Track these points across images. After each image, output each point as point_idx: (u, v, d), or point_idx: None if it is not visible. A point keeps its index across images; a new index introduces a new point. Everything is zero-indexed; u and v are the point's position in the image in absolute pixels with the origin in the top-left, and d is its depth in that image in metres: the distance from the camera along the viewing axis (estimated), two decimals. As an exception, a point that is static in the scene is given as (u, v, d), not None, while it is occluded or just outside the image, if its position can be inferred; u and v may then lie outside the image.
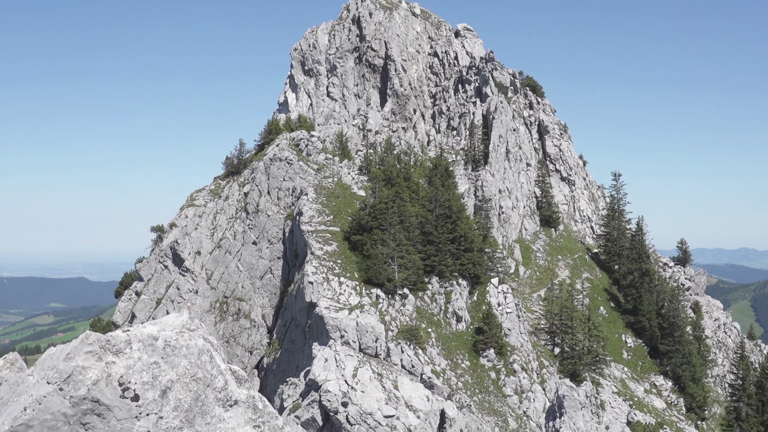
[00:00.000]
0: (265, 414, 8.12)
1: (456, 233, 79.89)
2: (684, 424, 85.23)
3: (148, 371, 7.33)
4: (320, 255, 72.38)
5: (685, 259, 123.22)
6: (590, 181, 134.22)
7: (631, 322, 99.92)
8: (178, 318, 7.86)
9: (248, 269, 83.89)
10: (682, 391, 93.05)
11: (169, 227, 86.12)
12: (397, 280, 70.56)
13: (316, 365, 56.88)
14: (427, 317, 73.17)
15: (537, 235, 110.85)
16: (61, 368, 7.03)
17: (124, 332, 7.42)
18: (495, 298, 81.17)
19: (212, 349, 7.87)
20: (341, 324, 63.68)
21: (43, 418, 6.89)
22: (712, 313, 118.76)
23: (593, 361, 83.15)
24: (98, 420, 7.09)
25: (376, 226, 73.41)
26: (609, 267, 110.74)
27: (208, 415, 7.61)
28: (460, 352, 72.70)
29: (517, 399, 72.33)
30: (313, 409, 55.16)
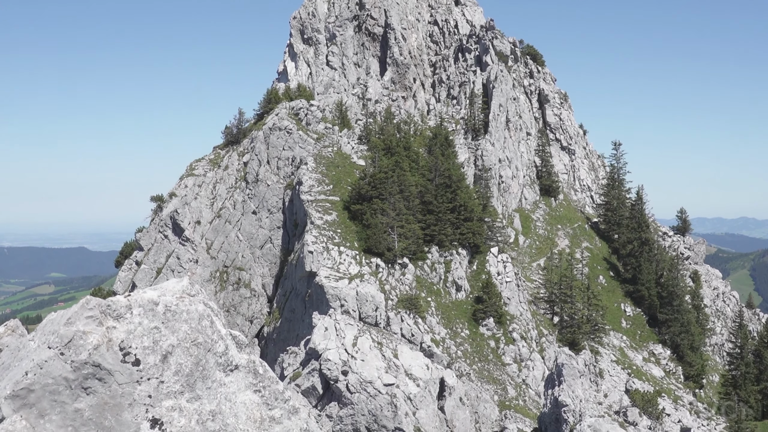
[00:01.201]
0: (265, 379, 8.15)
1: (456, 202, 79.86)
2: (682, 392, 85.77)
3: (148, 336, 7.34)
4: (320, 224, 72.39)
5: (684, 228, 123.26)
6: (590, 150, 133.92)
7: (630, 291, 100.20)
8: (178, 283, 7.86)
9: (248, 239, 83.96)
10: (681, 359, 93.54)
11: (169, 197, 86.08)
12: (396, 249, 70.63)
13: (316, 334, 57.08)
14: (427, 286, 73.35)
15: (537, 204, 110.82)
16: (61, 333, 7.05)
17: (125, 297, 7.43)
18: (494, 267, 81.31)
19: (212, 314, 7.88)
20: (341, 293, 63.83)
21: (44, 383, 6.91)
22: (711, 282, 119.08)
23: (592, 329, 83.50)
24: (99, 384, 7.12)
25: (376, 195, 73.34)
26: (608, 236, 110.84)
27: (208, 380, 7.64)
28: (460, 321, 72.97)
29: (516, 367, 72.72)
30: (313, 378, 55.43)
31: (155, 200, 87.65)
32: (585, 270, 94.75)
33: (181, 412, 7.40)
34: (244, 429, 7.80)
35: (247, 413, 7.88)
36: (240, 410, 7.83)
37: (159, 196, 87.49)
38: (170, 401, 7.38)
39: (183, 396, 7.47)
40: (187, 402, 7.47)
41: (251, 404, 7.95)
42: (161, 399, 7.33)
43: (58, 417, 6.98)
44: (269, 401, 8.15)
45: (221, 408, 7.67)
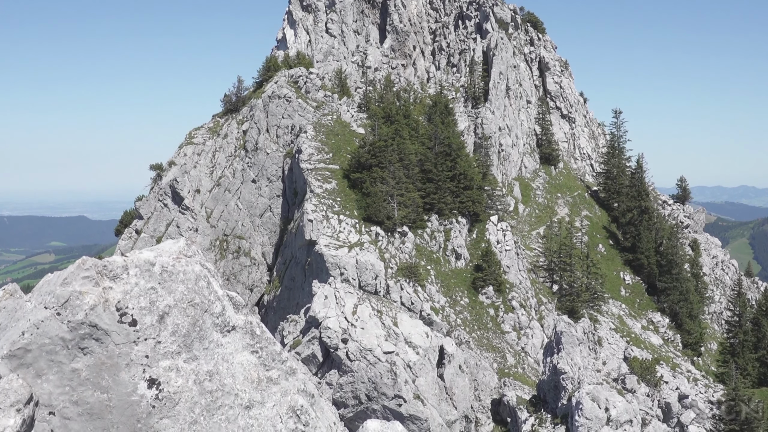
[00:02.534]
0: (263, 340, 8.15)
1: (455, 171, 79.71)
2: (680, 360, 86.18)
3: (145, 296, 7.33)
4: (319, 193, 72.32)
5: (684, 196, 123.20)
6: (590, 118, 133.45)
7: (630, 259, 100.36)
8: (175, 244, 7.83)
9: (248, 207, 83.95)
10: (679, 327, 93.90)
11: (168, 165, 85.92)
12: (396, 218, 70.61)
13: (316, 302, 57.22)
14: (427, 255, 73.42)
15: (536, 172, 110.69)
16: (58, 293, 7.03)
17: (121, 258, 7.41)
18: (494, 235, 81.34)
19: (209, 275, 7.86)
20: (341, 261, 63.92)
21: (41, 343, 6.91)
22: (711, 250, 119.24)
23: (591, 298, 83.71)
24: (96, 344, 7.11)
25: (376, 163, 73.18)
26: (608, 205, 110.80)
27: (205, 340, 7.64)
28: (459, 290, 73.14)
29: (516, 335, 73.00)
30: (313, 346, 55.65)
31: (154, 169, 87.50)
32: (584, 238, 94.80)
33: (179, 372, 7.41)
34: (242, 389, 7.82)
35: (245, 374, 7.89)
36: (237, 371, 7.84)
37: (158, 165, 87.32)
38: (167, 361, 7.38)
39: (180, 356, 7.47)
40: (184, 362, 7.48)
41: (248, 365, 7.96)
42: (158, 359, 7.33)
43: (55, 377, 6.99)
44: (266, 362, 8.16)
45: (218, 368, 7.68)
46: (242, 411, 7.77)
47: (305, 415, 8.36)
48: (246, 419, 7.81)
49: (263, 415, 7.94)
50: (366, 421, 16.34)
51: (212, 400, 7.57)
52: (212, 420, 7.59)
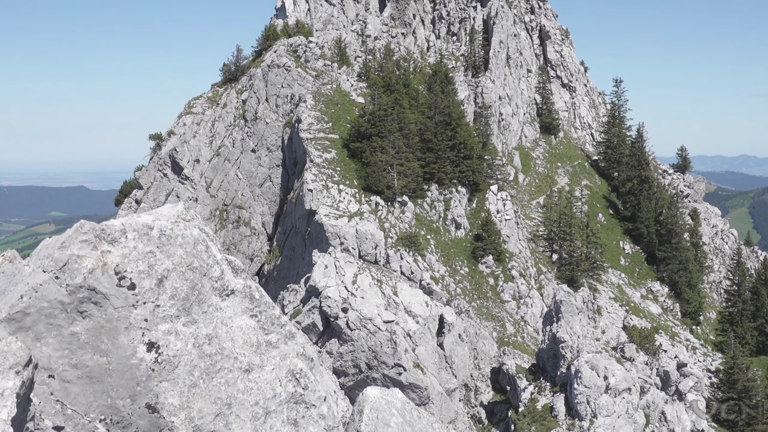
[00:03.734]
0: (262, 304, 8.16)
1: (455, 140, 79.49)
2: (679, 328, 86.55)
3: (143, 260, 7.32)
4: (319, 162, 72.20)
5: (684, 166, 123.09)
6: (591, 87, 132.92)
7: (629, 228, 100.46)
8: (173, 208, 7.82)
9: (247, 177, 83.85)
10: (678, 296, 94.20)
11: (168, 135, 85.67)
12: (396, 187, 70.55)
13: (316, 272, 57.32)
14: (427, 224, 73.45)
15: (537, 142, 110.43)
16: (56, 257, 7.02)
17: (119, 222, 7.41)
18: (494, 205, 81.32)
19: (208, 239, 7.85)
20: (341, 231, 63.95)
21: (40, 306, 6.91)
22: (710, 220, 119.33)
23: (591, 267, 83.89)
24: (95, 308, 7.12)
25: (375, 133, 72.98)
26: (608, 174, 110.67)
27: (204, 304, 7.65)
28: (459, 259, 73.26)
29: (515, 304, 73.23)
30: (313, 315, 55.83)
31: (154, 138, 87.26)
32: (584, 208, 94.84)
33: (178, 336, 7.43)
34: (241, 353, 7.84)
35: (244, 337, 7.91)
36: (236, 334, 7.85)
37: (158, 135, 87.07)
38: (166, 325, 7.39)
39: (179, 320, 7.48)
40: (183, 326, 7.49)
41: (248, 329, 7.97)
42: (157, 323, 7.34)
43: (54, 340, 7.01)
44: (266, 326, 8.18)
45: (217, 332, 7.69)
46: (241, 374, 7.80)
47: (304, 379, 8.39)
48: (245, 382, 7.85)
49: (262, 378, 7.97)
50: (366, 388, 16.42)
51: (211, 363, 7.60)
52: (211, 383, 7.62)
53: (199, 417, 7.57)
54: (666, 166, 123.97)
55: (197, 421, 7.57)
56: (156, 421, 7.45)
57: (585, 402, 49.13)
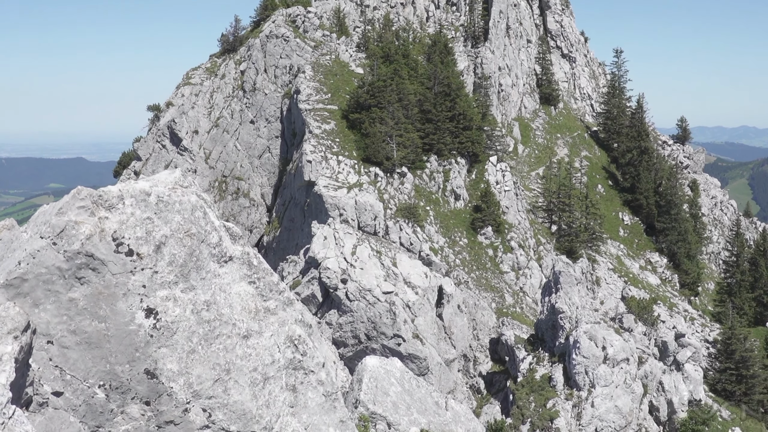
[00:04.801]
0: (260, 270, 8.16)
1: (455, 111, 79.24)
2: (677, 299, 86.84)
3: (141, 226, 7.31)
4: (318, 134, 72.03)
5: (684, 137, 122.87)
6: (591, 58, 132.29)
7: (629, 200, 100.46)
8: (170, 175, 7.80)
9: (246, 148, 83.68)
10: (677, 267, 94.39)
11: (166, 106, 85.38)
12: (395, 158, 70.43)
13: (316, 243, 57.39)
14: (426, 195, 73.42)
15: (536, 113, 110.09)
16: (53, 223, 7.01)
17: (116, 188, 7.40)
18: (493, 176, 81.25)
19: (206, 205, 7.84)
20: (340, 202, 63.94)
21: (38, 272, 6.92)
22: (710, 191, 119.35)
23: (590, 238, 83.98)
24: (93, 274, 7.12)
25: (375, 104, 72.74)
26: (608, 145, 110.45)
27: (203, 270, 7.65)
28: (458, 230, 73.31)
29: (514, 275, 73.39)
30: (313, 286, 55.98)
31: (152, 110, 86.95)
32: (584, 179, 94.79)
33: (176, 302, 7.44)
34: (239, 319, 7.86)
35: (242, 304, 7.92)
36: (235, 301, 7.86)
37: (156, 106, 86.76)
38: (164, 291, 7.40)
39: (177, 286, 7.49)
40: (181, 292, 7.50)
41: (246, 295, 7.98)
42: (155, 289, 7.35)
43: (52, 306, 7.02)
44: (264, 292, 8.19)
45: (216, 298, 7.70)
46: (240, 340, 7.82)
47: (303, 345, 8.42)
48: (244, 348, 7.87)
49: (261, 344, 8.00)
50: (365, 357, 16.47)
51: (210, 329, 7.62)
52: (210, 349, 7.65)
53: (198, 383, 7.61)
54: (666, 137, 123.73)
55: (196, 386, 7.60)
56: (155, 386, 7.48)
57: (583, 372, 49.38)
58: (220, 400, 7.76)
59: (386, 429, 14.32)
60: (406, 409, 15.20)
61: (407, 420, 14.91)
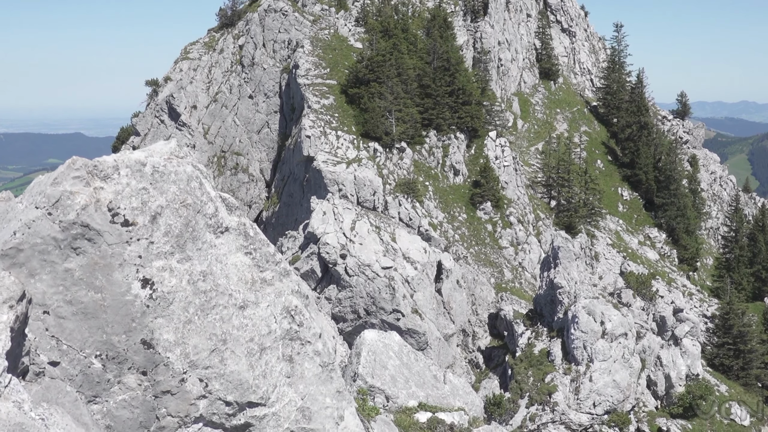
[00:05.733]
0: (256, 241, 8.16)
1: (454, 86, 78.99)
2: (676, 274, 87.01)
3: (137, 197, 7.30)
4: (317, 109, 71.84)
5: (684, 112, 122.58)
6: (591, 32, 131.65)
7: (628, 175, 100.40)
8: (166, 145, 7.78)
9: (245, 123, 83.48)
10: (676, 243, 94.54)
11: (164, 81, 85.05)
12: (394, 133, 70.31)
13: (315, 218, 57.44)
14: (425, 171, 73.36)
15: (536, 88, 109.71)
16: (48, 193, 7.01)
17: (111, 158, 7.38)
18: (492, 151, 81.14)
19: (201, 176, 7.83)
20: (339, 178, 63.90)
21: (33, 242, 6.91)
22: (709, 166, 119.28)
23: (589, 213, 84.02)
24: (89, 245, 7.12)
25: (374, 78, 72.49)
26: (607, 120, 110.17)
27: (199, 241, 7.65)
28: (457, 205, 73.33)
29: (513, 251, 73.50)
30: (312, 261, 56.09)
31: (150, 84, 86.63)
32: (583, 154, 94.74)
33: (172, 273, 7.44)
34: (236, 290, 7.87)
35: (239, 274, 7.92)
36: (231, 271, 7.87)
37: (154, 81, 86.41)
38: (160, 262, 7.40)
39: (173, 257, 7.49)
40: (177, 263, 7.50)
41: (242, 266, 7.99)
42: (151, 259, 7.35)
43: (48, 276, 7.02)
44: (260, 263, 8.19)
45: (212, 269, 7.71)
46: (236, 311, 7.84)
47: (299, 316, 8.44)
48: (240, 319, 7.89)
49: (257, 315, 8.02)
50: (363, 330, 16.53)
51: (206, 300, 7.63)
52: (206, 319, 7.66)
53: (195, 353, 7.63)
54: (665, 112, 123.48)
55: (192, 356, 7.63)
56: (151, 356, 7.50)
57: (581, 347, 49.59)
58: (217, 371, 7.79)
59: (384, 402, 14.40)
60: (405, 382, 15.28)
61: (405, 393, 14.99)
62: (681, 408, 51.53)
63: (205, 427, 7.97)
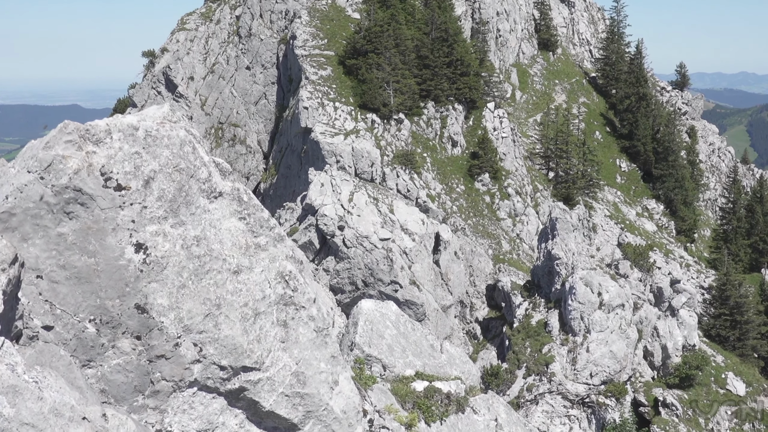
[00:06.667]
0: (250, 206, 8.14)
1: (452, 57, 78.59)
2: (673, 246, 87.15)
3: (129, 161, 7.27)
4: (315, 80, 71.55)
5: (683, 83, 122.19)
6: (590, 2, 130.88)
7: (626, 146, 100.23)
8: (159, 110, 7.73)
9: (242, 95, 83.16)
10: (674, 214, 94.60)
11: (161, 52, 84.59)
12: (392, 104, 70.07)
13: (313, 190, 57.39)
14: (423, 142, 73.21)
15: (534, 59, 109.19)
16: (40, 157, 6.97)
17: (104, 122, 7.34)
18: (491, 122, 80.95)
19: (195, 140, 7.79)
20: (337, 149, 63.80)
21: (25, 207, 6.89)
22: (707, 137, 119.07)
23: (587, 185, 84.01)
24: (82, 209, 7.10)
25: (371, 49, 72.12)
26: (606, 91, 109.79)
27: (192, 206, 7.63)
28: (455, 177, 73.27)
29: (511, 222, 73.55)
30: (310, 233, 56.12)
31: (147, 56, 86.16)
32: (581, 125, 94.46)
33: (165, 237, 7.43)
34: (230, 254, 7.86)
35: (233, 240, 7.91)
36: (225, 237, 7.86)
37: (151, 52, 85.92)
38: (154, 226, 7.39)
39: (167, 221, 7.47)
40: (171, 227, 7.49)
41: (236, 231, 7.98)
42: (145, 224, 7.33)
43: (41, 241, 7.01)
44: (254, 228, 8.18)
45: (206, 234, 7.70)
46: (230, 276, 7.84)
47: (294, 281, 8.44)
48: (234, 284, 7.89)
49: (252, 280, 8.02)
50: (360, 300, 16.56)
51: (200, 264, 7.63)
52: (200, 284, 7.66)
53: (189, 317, 7.63)
54: (664, 83, 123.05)
55: (186, 321, 7.63)
56: (145, 321, 7.51)
57: (579, 318, 49.75)
58: (211, 335, 7.80)
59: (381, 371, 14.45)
60: (402, 351, 15.33)
61: (402, 362, 15.04)
62: (677, 378, 51.77)
63: (200, 391, 8.00)
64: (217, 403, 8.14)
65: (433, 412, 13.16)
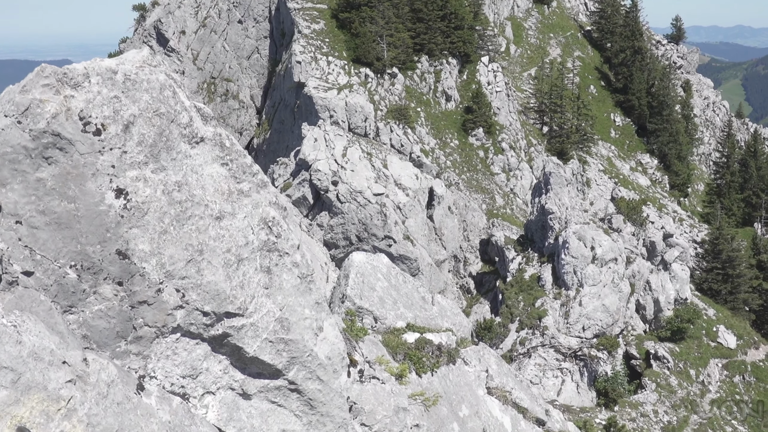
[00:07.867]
0: (233, 152, 8.06)
1: (446, 10, 77.87)
2: (667, 200, 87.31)
3: (108, 105, 7.16)
4: (307, 34, 70.93)
5: (678, 36, 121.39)
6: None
7: (621, 101, 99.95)
8: (138, 53, 7.60)
9: (235, 49, 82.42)
10: (667, 168, 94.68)
11: (152, 5, 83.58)
12: (386, 59, 69.59)
13: (306, 145, 57.22)
14: (417, 96, 72.85)
15: (529, 12, 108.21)
16: (17, 101, 6.86)
17: (82, 66, 7.23)
18: (485, 76, 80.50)
19: (175, 84, 7.68)
20: (330, 104, 63.45)
21: (3, 152, 6.79)
22: (702, 91, 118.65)
23: (581, 139, 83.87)
24: (61, 154, 7.01)
25: (365, 2, 71.44)
26: (601, 45, 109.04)
27: (173, 151, 7.54)
28: (449, 131, 73.04)
29: (505, 177, 73.52)
30: (303, 188, 56.07)
31: (138, 9, 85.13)
32: (576, 79, 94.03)
33: (146, 183, 7.35)
34: (212, 200, 7.80)
35: (215, 185, 7.84)
36: (207, 182, 7.79)
37: (141, 5, 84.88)
38: (134, 171, 7.31)
39: (147, 167, 7.39)
40: (151, 173, 7.41)
41: (218, 177, 7.90)
42: (125, 169, 7.25)
43: (20, 186, 6.93)
44: (237, 174, 8.11)
45: (187, 179, 7.62)
46: (213, 222, 7.78)
47: (277, 227, 8.40)
48: (217, 230, 7.84)
49: (234, 226, 7.97)
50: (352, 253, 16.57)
51: (182, 210, 7.56)
52: (182, 230, 7.61)
53: (171, 263, 7.59)
54: (660, 37, 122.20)
55: (168, 267, 7.59)
56: (127, 267, 7.46)
57: (572, 272, 50.01)
58: (194, 281, 7.76)
59: (373, 323, 14.49)
60: (393, 303, 15.37)
61: (393, 314, 15.09)
62: (669, 331, 52.25)
63: (183, 337, 7.98)
64: (201, 349, 8.14)
65: (424, 363, 13.23)
